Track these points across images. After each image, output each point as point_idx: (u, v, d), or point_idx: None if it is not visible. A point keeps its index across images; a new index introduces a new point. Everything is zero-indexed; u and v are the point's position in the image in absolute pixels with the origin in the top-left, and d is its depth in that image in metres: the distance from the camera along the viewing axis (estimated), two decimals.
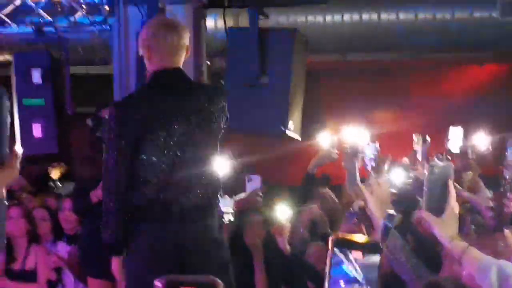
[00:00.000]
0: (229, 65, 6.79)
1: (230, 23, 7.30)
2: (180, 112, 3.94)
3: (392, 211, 3.54)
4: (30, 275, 6.56)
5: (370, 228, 4.64)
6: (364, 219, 5.05)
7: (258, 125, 6.61)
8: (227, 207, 6.00)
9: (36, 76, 6.79)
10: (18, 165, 1.11)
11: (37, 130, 6.69)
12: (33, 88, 6.80)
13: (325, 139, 6.80)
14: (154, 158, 3.88)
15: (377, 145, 5.49)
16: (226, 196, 6.18)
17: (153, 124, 3.87)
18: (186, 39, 4.06)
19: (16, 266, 6.62)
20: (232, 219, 5.85)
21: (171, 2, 6.50)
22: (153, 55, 4.00)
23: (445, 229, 2.53)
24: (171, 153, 3.90)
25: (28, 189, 8.11)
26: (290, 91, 6.56)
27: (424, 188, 2.62)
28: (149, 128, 3.86)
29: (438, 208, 2.56)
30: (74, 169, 8.37)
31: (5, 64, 7.43)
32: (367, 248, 2.52)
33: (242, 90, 6.55)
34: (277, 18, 7.34)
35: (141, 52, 4.10)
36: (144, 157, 3.86)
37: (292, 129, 6.62)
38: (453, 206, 2.57)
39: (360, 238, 2.59)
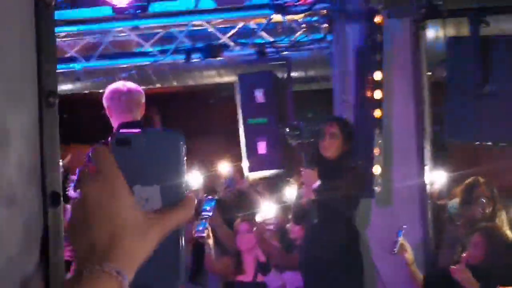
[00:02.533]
0: (450, 75, 6.65)
1: (451, 32, 7.16)
2: None
3: None
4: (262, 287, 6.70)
5: None
6: None
7: (483, 134, 6.41)
8: None
9: (259, 96, 6.96)
10: (193, 207, 1.13)
11: (261, 148, 6.86)
12: (257, 108, 6.97)
13: None
14: None
15: None
16: None
17: None
18: (140, 98, 4.84)
19: (246, 278, 6.79)
20: None
21: (389, 17, 6.46)
22: (112, 113, 4.81)
23: None
24: None
25: None
26: None
27: None
28: None
29: None
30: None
31: (231, 85, 7.72)
32: None
33: (464, 100, 6.39)
34: (499, 25, 7.06)
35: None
36: None
37: None
38: None
39: None
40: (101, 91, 8.89)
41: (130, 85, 5.13)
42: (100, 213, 1.05)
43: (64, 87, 8.73)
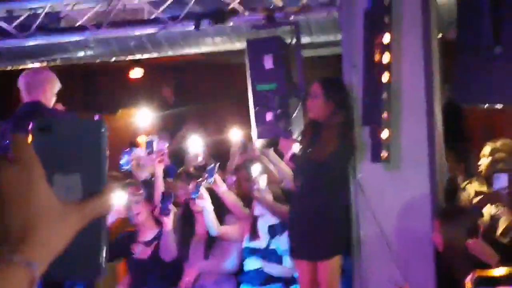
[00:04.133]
0: (461, 37, 6.52)
1: None
2: None
3: None
4: (274, 255, 6.69)
5: None
6: None
7: (493, 96, 6.30)
8: None
9: (268, 61, 6.90)
10: (111, 195, 1.12)
11: (270, 114, 6.81)
12: (266, 74, 6.92)
13: None
14: None
15: None
16: None
17: None
18: (37, 80, 5.73)
19: (260, 244, 6.78)
20: None
21: None
22: (22, 93, 5.78)
23: None
24: None
25: None
26: None
27: None
28: None
29: None
30: None
31: (241, 51, 7.66)
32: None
33: (474, 61, 6.28)
34: None
35: None
36: None
37: None
38: None
39: (501, 271, 2.35)
40: (113, 59, 8.98)
41: (32, 70, 6.04)
42: (14, 201, 1.04)
43: (76, 56, 8.74)
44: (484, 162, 6.59)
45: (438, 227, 5.43)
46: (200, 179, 6.69)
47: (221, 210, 6.87)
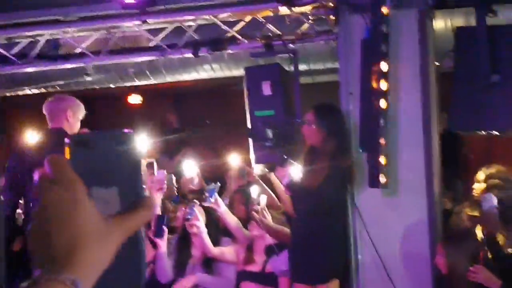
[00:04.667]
0: (458, 65, 6.59)
1: (460, 22, 7.12)
2: None
3: None
4: (270, 279, 6.68)
5: None
6: None
7: (489, 123, 6.36)
8: None
9: (266, 88, 6.95)
10: (153, 208, 1.13)
11: (267, 140, 6.83)
12: (264, 100, 6.96)
13: None
14: None
15: None
16: None
17: None
18: (58, 107, 6.02)
19: (256, 268, 6.77)
20: None
21: (395, 7, 6.42)
22: (47, 119, 6.05)
23: None
24: None
25: None
26: None
27: None
28: None
29: None
30: None
31: (240, 78, 7.71)
32: None
33: (471, 90, 6.34)
34: (509, 14, 6.99)
35: None
36: None
37: None
38: None
39: None
40: (112, 85, 9.02)
41: (55, 96, 6.25)
42: (59, 221, 1.06)
43: (74, 83, 8.78)
44: (478, 187, 6.62)
45: (441, 250, 5.45)
46: (194, 200, 6.74)
47: (218, 232, 6.89)
